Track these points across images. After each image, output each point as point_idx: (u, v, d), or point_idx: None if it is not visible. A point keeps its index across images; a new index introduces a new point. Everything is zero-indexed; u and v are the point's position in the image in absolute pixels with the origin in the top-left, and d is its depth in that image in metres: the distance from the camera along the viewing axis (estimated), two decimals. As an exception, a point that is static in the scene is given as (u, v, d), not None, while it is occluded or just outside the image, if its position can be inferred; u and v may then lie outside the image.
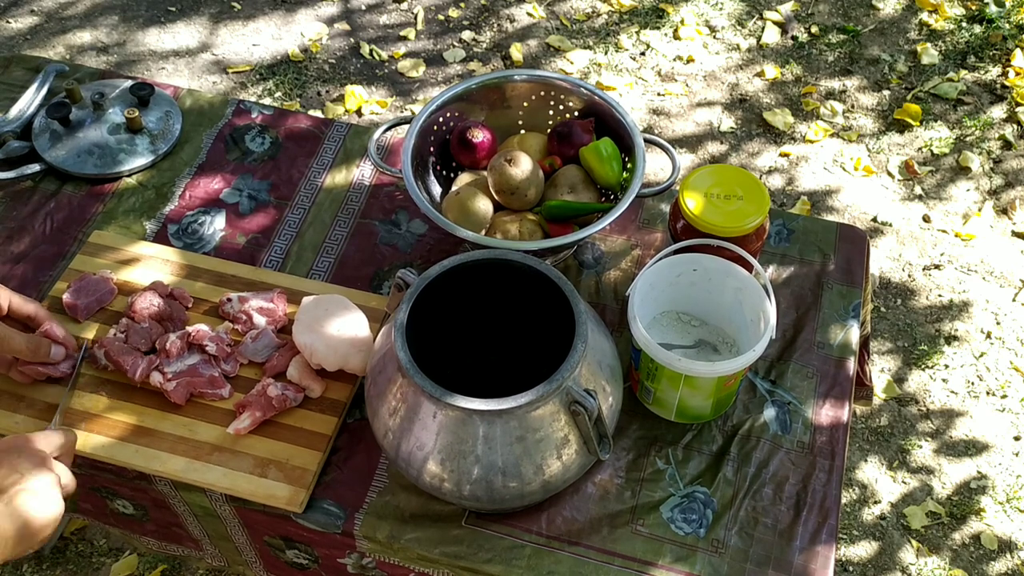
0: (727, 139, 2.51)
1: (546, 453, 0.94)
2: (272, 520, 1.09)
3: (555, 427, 0.94)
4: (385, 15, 2.81)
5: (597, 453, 0.97)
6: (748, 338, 1.11)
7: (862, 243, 1.32)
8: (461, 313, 1.09)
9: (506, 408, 0.90)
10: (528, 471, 0.94)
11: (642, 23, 2.78)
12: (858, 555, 1.84)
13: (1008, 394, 2.04)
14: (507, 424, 0.92)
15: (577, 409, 0.92)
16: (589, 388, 0.93)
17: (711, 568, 1.03)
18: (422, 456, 0.95)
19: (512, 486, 0.95)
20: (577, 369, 0.93)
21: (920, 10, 2.82)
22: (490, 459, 0.93)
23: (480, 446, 0.93)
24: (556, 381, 0.90)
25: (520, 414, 0.92)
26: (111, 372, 1.15)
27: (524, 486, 0.95)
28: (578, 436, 0.96)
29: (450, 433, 0.93)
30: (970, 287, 2.21)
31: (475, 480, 0.94)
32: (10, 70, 1.52)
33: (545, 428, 0.93)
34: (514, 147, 1.29)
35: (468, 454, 0.93)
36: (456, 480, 0.95)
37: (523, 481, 0.95)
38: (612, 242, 1.32)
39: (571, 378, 0.92)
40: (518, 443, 0.93)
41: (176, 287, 1.22)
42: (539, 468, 0.95)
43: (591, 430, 0.95)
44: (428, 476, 0.96)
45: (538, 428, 0.93)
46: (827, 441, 1.13)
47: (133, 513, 1.22)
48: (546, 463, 0.95)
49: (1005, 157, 2.47)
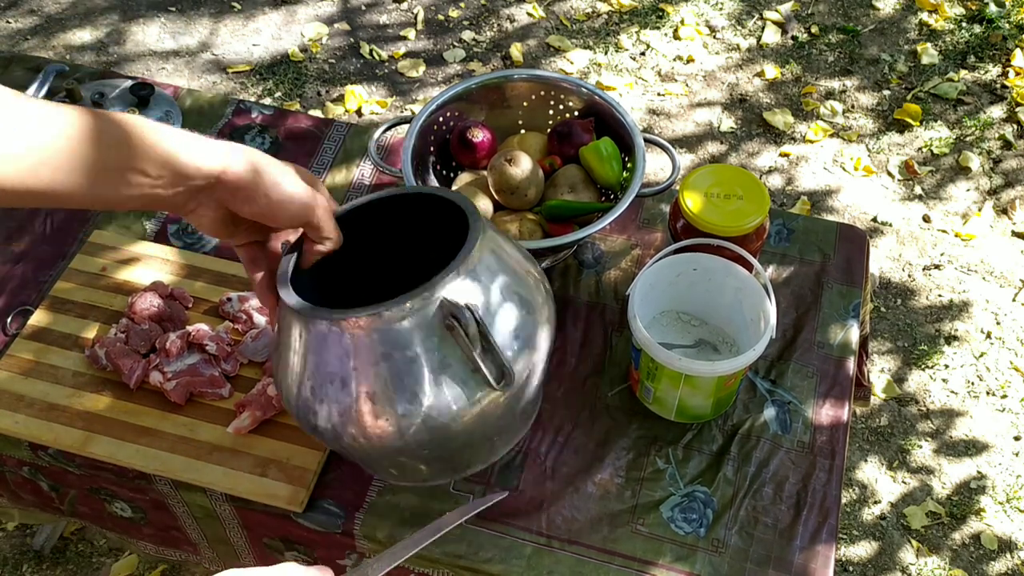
0: (727, 139, 2.51)
1: (420, 376, 0.82)
2: (272, 520, 1.09)
3: (429, 346, 0.82)
4: (385, 15, 2.81)
5: (490, 381, 0.84)
6: (748, 338, 1.11)
7: (862, 243, 1.32)
8: (374, 258, 0.99)
9: (367, 315, 0.80)
10: (402, 398, 0.83)
11: (642, 23, 2.78)
12: (858, 555, 1.84)
13: (1008, 394, 2.04)
14: (371, 338, 0.82)
15: (451, 323, 0.80)
16: (472, 304, 0.82)
17: (711, 568, 1.03)
18: (296, 386, 0.86)
19: (385, 421, 0.84)
20: (456, 280, 0.82)
21: (920, 10, 2.82)
22: (357, 381, 0.83)
23: (343, 364, 0.83)
24: (427, 290, 0.80)
25: (383, 327, 0.81)
26: (111, 372, 1.15)
27: (400, 420, 0.83)
28: (461, 360, 0.83)
29: (315, 354, 0.84)
30: (970, 287, 2.21)
31: (345, 411, 0.84)
32: (10, 70, 1.52)
33: (416, 346, 0.82)
34: (514, 147, 1.29)
35: (334, 377, 0.83)
36: (327, 413, 0.85)
37: (398, 413, 0.83)
38: (612, 242, 1.32)
39: (446, 287, 0.81)
40: (384, 361, 0.82)
41: (176, 287, 1.22)
42: (414, 395, 0.83)
43: (474, 352, 0.82)
44: (302, 409, 0.87)
45: (406, 346, 0.82)
46: (827, 441, 1.13)
47: (131, 516, 1.22)
48: (422, 389, 0.83)
49: (1005, 157, 2.47)
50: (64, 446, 1.10)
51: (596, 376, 1.18)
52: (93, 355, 1.15)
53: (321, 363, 0.84)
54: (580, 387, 1.17)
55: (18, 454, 1.14)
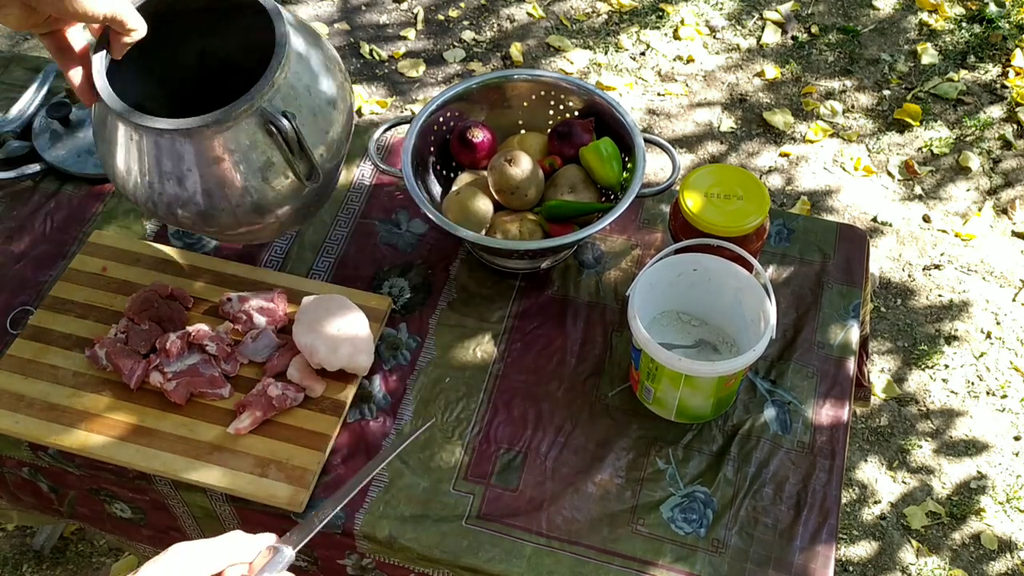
0: (727, 139, 2.51)
1: (249, 175, 0.99)
2: (272, 520, 1.09)
3: (255, 149, 0.97)
4: (385, 15, 2.81)
5: (300, 179, 1.01)
6: (748, 338, 1.11)
7: (862, 243, 1.32)
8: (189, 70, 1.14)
9: (195, 127, 0.94)
10: (233, 193, 1.00)
11: (642, 23, 2.78)
12: (858, 555, 1.84)
13: (1008, 394, 2.04)
14: (200, 145, 0.96)
15: (271, 129, 0.96)
16: (289, 111, 0.95)
17: (711, 568, 1.03)
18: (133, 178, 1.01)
19: (223, 208, 1.00)
20: (272, 91, 0.96)
21: (920, 10, 2.82)
22: (192, 180, 0.99)
23: (178, 166, 0.98)
24: (247, 100, 0.94)
25: (211, 134, 0.95)
26: (111, 372, 1.15)
27: (235, 207, 1.01)
28: (282, 161, 0.99)
29: (151, 157, 0.98)
30: (970, 287, 2.21)
31: (184, 202, 1.00)
32: (10, 70, 1.52)
33: (243, 150, 0.97)
34: (514, 147, 1.29)
35: (170, 176, 0.99)
36: (167, 202, 1.00)
37: (231, 202, 1.00)
38: (612, 242, 1.32)
39: (265, 99, 0.95)
40: (216, 164, 0.97)
41: (176, 287, 1.22)
42: (245, 190, 1.00)
43: (290, 154, 0.98)
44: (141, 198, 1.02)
45: (235, 149, 0.97)
46: (827, 441, 1.13)
47: (131, 517, 1.22)
48: (251, 186, 1.00)
49: (1005, 157, 2.47)
50: (64, 446, 1.10)
51: (596, 376, 1.18)
52: (93, 355, 1.15)
53: (158, 163, 0.98)
54: (580, 387, 1.17)
55: (18, 454, 1.14)
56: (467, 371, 1.19)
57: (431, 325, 1.23)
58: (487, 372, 1.18)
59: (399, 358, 1.20)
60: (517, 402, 1.16)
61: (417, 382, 1.18)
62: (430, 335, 1.22)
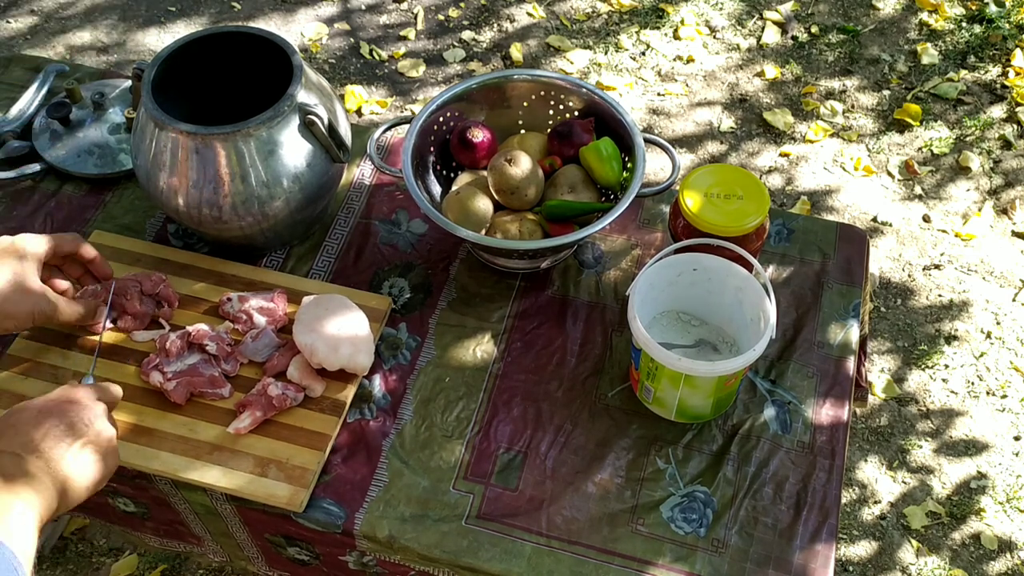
0: (727, 139, 2.51)
1: (298, 160, 1.16)
2: (272, 519, 1.09)
3: (297, 138, 1.15)
4: (385, 15, 2.81)
5: (339, 157, 1.19)
6: (748, 338, 1.11)
7: (862, 243, 1.32)
8: (220, 97, 1.28)
9: (254, 126, 1.11)
10: (287, 177, 1.15)
11: (642, 23, 2.78)
12: (858, 555, 1.84)
13: (1008, 394, 2.04)
14: (259, 141, 1.12)
15: (309, 120, 1.14)
16: (317, 104, 1.16)
17: (711, 568, 1.03)
18: (191, 192, 1.14)
19: (277, 202, 1.16)
20: (302, 90, 1.14)
21: (920, 10, 2.82)
22: (254, 176, 1.13)
23: (240, 166, 1.12)
24: (287, 101, 1.12)
25: (266, 130, 1.12)
26: (111, 372, 1.15)
27: (287, 192, 1.16)
28: (318, 146, 1.17)
29: (202, 164, 1.12)
30: (970, 287, 2.21)
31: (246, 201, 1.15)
32: (10, 70, 1.52)
33: (291, 140, 1.14)
34: (514, 147, 1.29)
35: (234, 176, 1.13)
36: (231, 206, 1.15)
37: (285, 189, 1.16)
38: (612, 242, 1.32)
39: (299, 96, 1.14)
40: (270, 156, 1.13)
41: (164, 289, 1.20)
42: (296, 177, 1.16)
43: (327, 137, 1.16)
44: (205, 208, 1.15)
45: (284, 140, 1.14)
46: (827, 441, 1.13)
47: (134, 511, 1.22)
48: (299, 172, 1.16)
49: (1005, 157, 2.47)
50: (64, 446, 1.10)
51: (596, 376, 1.18)
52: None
53: (228, 165, 1.12)
54: (580, 387, 1.17)
55: (18, 454, 1.14)
56: (467, 371, 1.19)
57: (431, 325, 1.23)
58: (487, 372, 1.18)
59: (399, 358, 1.20)
60: (517, 402, 1.16)
61: (417, 382, 1.18)
62: (430, 335, 1.22)
